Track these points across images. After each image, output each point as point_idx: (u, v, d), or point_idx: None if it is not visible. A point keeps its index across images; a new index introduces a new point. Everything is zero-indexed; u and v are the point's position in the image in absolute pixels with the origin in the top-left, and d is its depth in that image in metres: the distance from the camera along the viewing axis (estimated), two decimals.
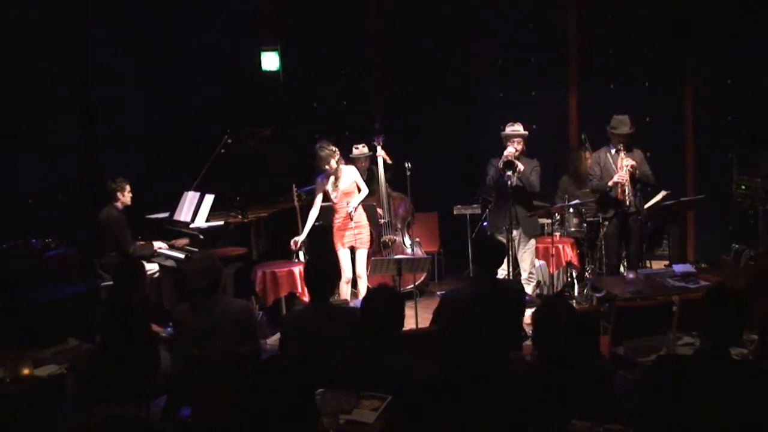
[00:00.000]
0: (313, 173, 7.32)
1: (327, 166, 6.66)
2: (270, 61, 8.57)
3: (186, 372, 4.26)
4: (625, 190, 6.63)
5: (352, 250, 6.83)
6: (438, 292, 6.44)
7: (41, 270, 6.29)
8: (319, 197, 6.83)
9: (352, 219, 6.71)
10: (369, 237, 6.96)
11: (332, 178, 6.75)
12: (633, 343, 4.25)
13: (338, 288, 6.56)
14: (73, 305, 5.91)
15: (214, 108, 8.45)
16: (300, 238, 6.83)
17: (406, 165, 7.57)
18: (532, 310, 3.50)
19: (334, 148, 6.68)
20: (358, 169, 7.96)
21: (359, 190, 6.83)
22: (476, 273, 4.74)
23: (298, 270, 6.67)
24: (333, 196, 6.77)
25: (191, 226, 6.96)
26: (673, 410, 2.95)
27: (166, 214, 7.41)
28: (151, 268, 6.82)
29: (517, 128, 6.79)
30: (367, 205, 7.16)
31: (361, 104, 9.08)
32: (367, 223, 6.94)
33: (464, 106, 9.07)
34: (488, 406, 3.22)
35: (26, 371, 4.14)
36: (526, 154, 6.84)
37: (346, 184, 6.76)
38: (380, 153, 7.37)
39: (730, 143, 7.91)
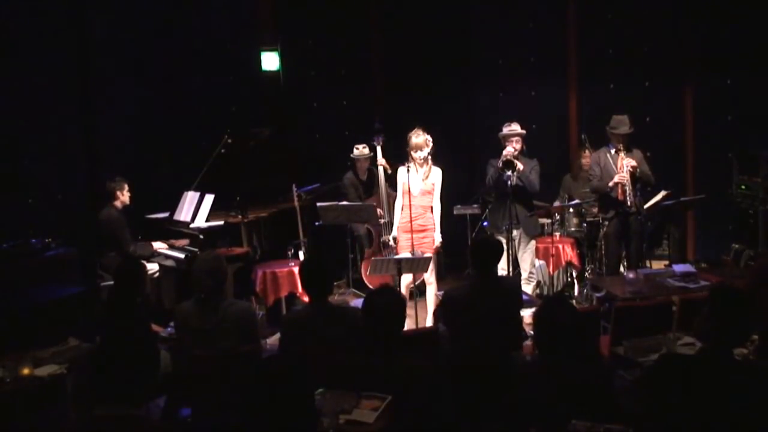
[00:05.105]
0: (313, 173, 7.33)
1: (418, 154, 6.25)
2: (270, 61, 8.58)
3: (186, 372, 4.27)
4: (625, 191, 6.63)
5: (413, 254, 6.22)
6: (438, 292, 6.44)
7: (41, 270, 6.29)
8: (400, 188, 6.37)
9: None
10: (433, 241, 6.43)
11: (420, 171, 6.31)
12: (633, 343, 4.25)
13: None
14: (73, 305, 5.91)
15: (214, 108, 8.46)
16: (392, 235, 6.54)
17: (407, 165, 7.57)
18: (533, 309, 3.50)
19: (429, 138, 6.30)
20: (358, 169, 8.00)
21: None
22: (475, 272, 4.76)
23: (298, 270, 6.66)
24: (413, 191, 6.28)
25: (191, 226, 6.96)
26: (674, 409, 2.95)
27: (166, 214, 7.41)
28: (151, 268, 6.82)
29: (515, 128, 6.79)
30: (367, 205, 7.16)
31: (361, 104, 9.08)
32: (433, 226, 6.44)
33: (464, 106, 9.08)
34: (489, 405, 3.22)
35: (26, 371, 4.14)
36: (526, 154, 6.84)
37: (430, 184, 6.33)
38: (381, 162, 7.35)
39: (730, 143, 7.91)
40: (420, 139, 6.28)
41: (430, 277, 6.47)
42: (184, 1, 8.46)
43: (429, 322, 6.33)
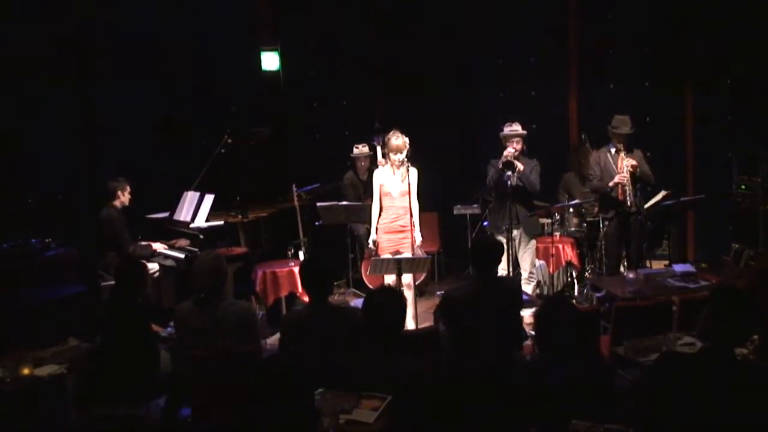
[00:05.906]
0: (313, 173, 7.33)
1: (396, 156, 6.15)
2: (270, 61, 8.58)
3: (186, 372, 4.27)
4: (625, 191, 6.63)
5: (396, 254, 6.08)
6: (438, 292, 6.44)
7: (41, 270, 6.29)
8: (378, 191, 6.33)
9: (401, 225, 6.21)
10: (414, 241, 6.24)
11: (398, 173, 6.22)
12: (633, 343, 4.25)
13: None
14: (73, 305, 5.91)
15: (214, 108, 8.45)
16: (372, 239, 6.41)
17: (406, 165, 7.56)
18: (533, 309, 3.50)
19: (407, 140, 6.21)
20: (358, 169, 8.00)
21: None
22: (475, 272, 4.76)
23: (298, 270, 6.65)
24: (393, 193, 6.24)
25: (191, 226, 6.97)
26: (675, 409, 2.95)
27: (166, 214, 7.42)
28: (151, 267, 6.82)
29: (516, 128, 6.79)
30: (367, 205, 7.15)
31: (361, 104, 9.08)
32: (411, 227, 6.35)
33: (464, 106, 9.07)
34: (489, 405, 3.22)
35: (26, 371, 4.14)
36: (526, 154, 6.85)
37: (407, 185, 6.24)
38: (381, 161, 7.34)
39: (730, 143, 7.91)
40: (399, 141, 6.20)
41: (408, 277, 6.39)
42: (184, 1, 8.45)
43: (412, 325, 6.19)
